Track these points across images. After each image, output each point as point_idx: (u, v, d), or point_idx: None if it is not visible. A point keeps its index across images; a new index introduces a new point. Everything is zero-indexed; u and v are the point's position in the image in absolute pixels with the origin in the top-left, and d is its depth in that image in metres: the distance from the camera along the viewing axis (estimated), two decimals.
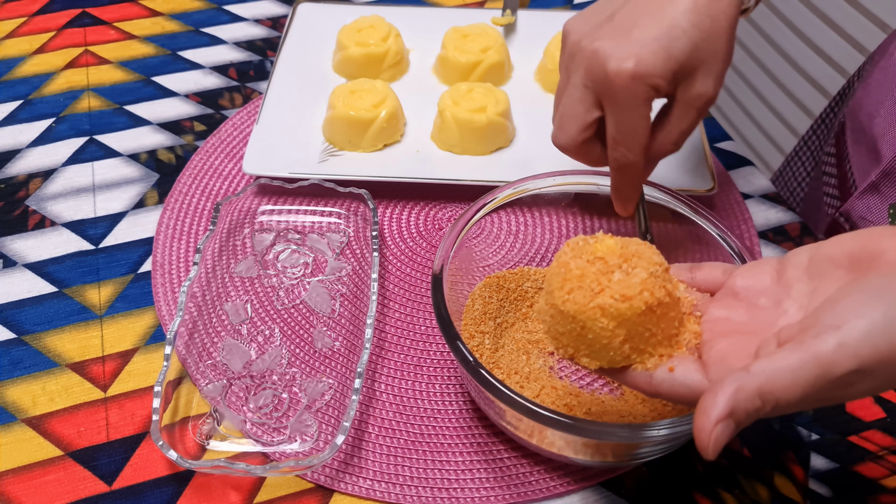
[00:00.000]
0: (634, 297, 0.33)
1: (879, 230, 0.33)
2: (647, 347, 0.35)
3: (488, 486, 0.46)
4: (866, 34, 1.07)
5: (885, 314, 0.29)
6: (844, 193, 0.65)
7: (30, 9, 0.77)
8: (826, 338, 0.29)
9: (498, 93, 0.62)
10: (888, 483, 0.47)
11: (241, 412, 0.48)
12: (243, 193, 0.59)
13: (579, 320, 0.34)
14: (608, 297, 0.33)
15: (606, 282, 0.34)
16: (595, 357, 0.35)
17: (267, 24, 0.77)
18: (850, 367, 0.29)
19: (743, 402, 0.29)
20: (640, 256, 0.35)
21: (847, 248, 0.33)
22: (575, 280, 0.34)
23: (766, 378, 0.29)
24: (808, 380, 0.29)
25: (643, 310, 0.33)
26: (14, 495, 0.45)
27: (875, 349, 0.28)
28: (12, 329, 0.52)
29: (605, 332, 0.34)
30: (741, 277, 0.37)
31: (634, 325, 0.34)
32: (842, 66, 1.12)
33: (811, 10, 1.15)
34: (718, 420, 0.29)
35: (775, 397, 0.29)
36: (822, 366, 0.29)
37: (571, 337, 0.35)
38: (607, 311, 0.33)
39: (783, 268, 0.35)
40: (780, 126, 1.29)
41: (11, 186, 0.61)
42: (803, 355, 0.29)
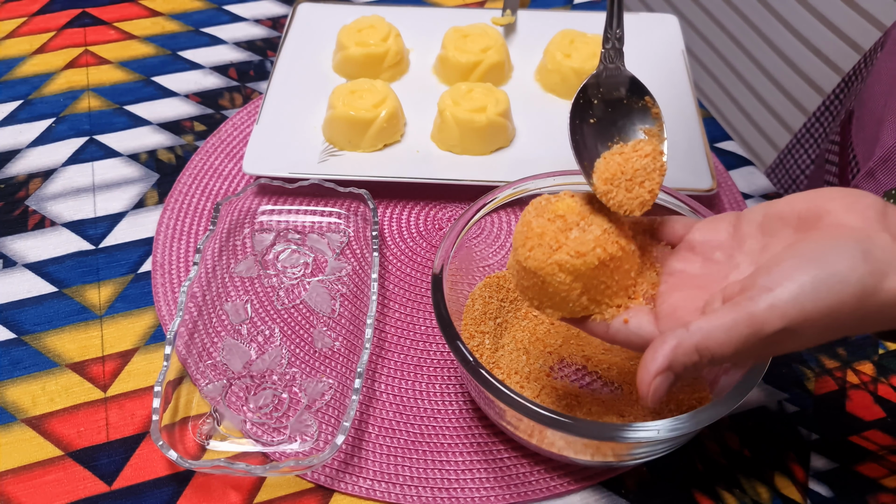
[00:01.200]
0: (588, 253, 0.36)
1: (826, 192, 0.35)
2: (604, 299, 0.38)
3: (488, 486, 0.46)
4: (862, 33, 1.07)
5: (814, 277, 0.31)
6: (844, 182, 0.65)
7: (30, 9, 0.77)
8: (759, 299, 0.31)
9: (498, 93, 0.62)
10: (888, 483, 0.47)
11: (241, 412, 0.48)
12: (243, 193, 0.59)
13: (539, 276, 0.37)
14: (564, 253, 0.36)
15: (564, 239, 0.37)
16: (557, 308, 0.38)
17: (267, 24, 0.77)
18: (778, 327, 0.31)
19: (681, 356, 0.32)
20: (598, 213, 0.38)
21: (797, 207, 0.35)
22: (535, 238, 0.37)
23: (702, 335, 0.32)
24: (740, 337, 0.31)
25: (596, 264, 0.36)
26: (14, 495, 0.45)
27: (801, 310, 0.31)
28: (12, 329, 0.52)
29: (563, 286, 0.37)
30: (699, 232, 0.39)
31: (590, 278, 0.37)
32: (837, 65, 1.12)
33: (807, 10, 1.16)
34: (658, 372, 0.32)
35: (710, 352, 0.32)
36: (754, 325, 0.31)
37: (535, 290, 0.38)
38: (564, 266, 0.36)
39: (739, 223, 0.37)
40: (780, 127, 1.29)
41: (11, 186, 0.61)
42: (737, 315, 0.32)
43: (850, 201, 0.34)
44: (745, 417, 0.49)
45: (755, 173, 0.65)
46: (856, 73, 0.70)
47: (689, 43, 1.44)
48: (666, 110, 0.65)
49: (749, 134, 1.38)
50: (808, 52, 1.18)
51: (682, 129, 0.63)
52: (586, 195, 0.40)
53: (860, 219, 0.33)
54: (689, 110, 0.64)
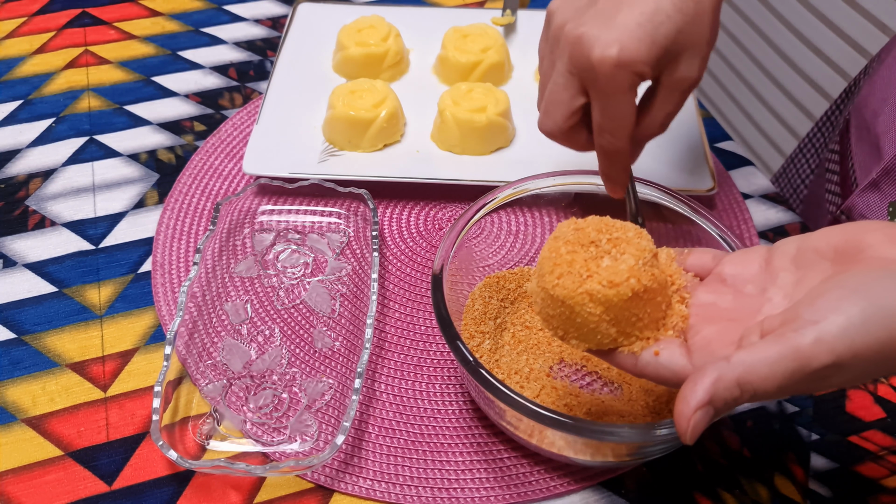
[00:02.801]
0: (622, 284, 0.34)
1: (864, 224, 0.34)
2: (634, 331, 0.36)
3: (488, 486, 0.46)
4: (867, 36, 1.07)
5: (863, 311, 0.30)
6: (846, 191, 0.65)
7: (30, 9, 0.77)
8: (805, 332, 0.30)
9: (498, 93, 0.62)
10: (888, 483, 0.47)
11: (241, 412, 0.48)
12: (243, 193, 0.59)
13: (568, 305, 0.35)
14: (596, 283, 0.34)
15: (595, 267, 0.35)
16: (583, 339, 0.36)
17: (267, 24, 0.77)
18: (826, 362, 0.29)
19: (722, 391, 0.31)
20: (630, 242, 0.36)
21: (833, 240, 0.34)
22: (565, 265, 0.35)
23: (745, 369, 0.30)
24: (784, 372, 0.30)
25: (629, 296, 0.34)
26: (14, 495, 0.45)
27: (851, 345, 0.29)
28: (12, 329, 0.52)
29: (593, 318, 0.35)
30: (730, 264, 0.38)
31: (621, 310, 0.35)
32: (842, 68, 1.12)
33: (811, 12, 1.15)
34: (698, 407, 0.31)
35: (753, 387, 0.30)
36: (800, 359, 0.30)
37: (561, 320, 0.36)
38: (595, 296, 0.34)
39: (771, 256, 0.36)
40: (780, 128, 1.29)
41: (11, 186, 0.61)
42: (782, 348, 0.30)
43: (891, 234, 0.33)
44: (745, 417, 0.49)
45: (755, 173, 0.65)
46: (857, 82, 0.70)
47: None
48: None
49: (749, 134, 1.38)
50: (808, 52, 1.18)
51: (682, 129, 0.63)
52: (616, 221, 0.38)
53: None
54: (689, 110, 0.64)
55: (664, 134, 0.63)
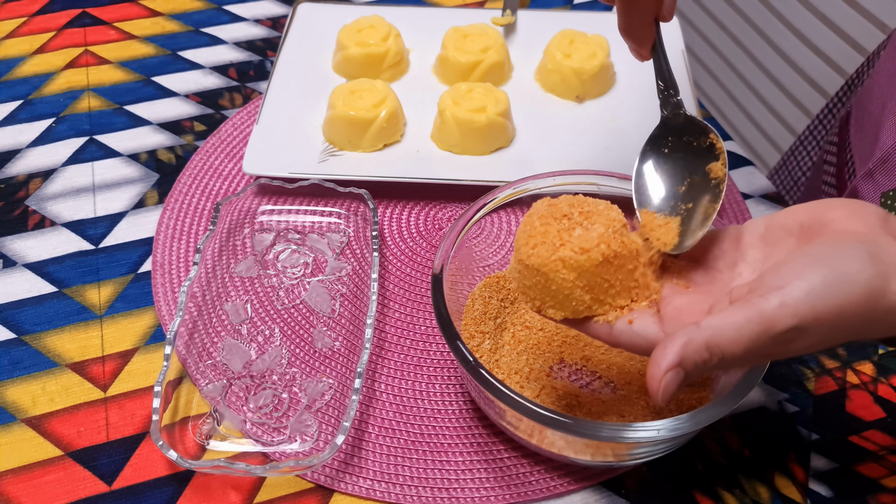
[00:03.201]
0: (592, 249, 0.36)
1: (829, 202, 0.36)
2: (607, 298, 0.38)
3: (488, 486, 0.46)
4: (865, 34, 1.07)
5: (824, 277, 0.31)
6: (841, 182, 0.65)
7: (30, 9, 0.77)
8: (769, 297, 0.31)
9: (498, 93, 0.62)
10: (888, 483, 0.47)
11: (241, 412, 0.48)
12: (243, 193, 0.59)
13: (543, 272, 0.37)
14: (568, 250, 0.36)
15: (567, 237, 0.37)
16: (559, 308, 0.38)
17: (267, 24, 0.77)
18: (789, 325, 0.31)
19: (691, 353, 0.32)
20: (600, 214, 0.38)
21: (799, 217, 0.36)
22: (539, 236, 0.37)
23: (713, 332, 0.32)
24: (751, 335, 0.31)
25: (600, 261, 0.36)
26: (14, 495, 0.45)
27: (812, 308, 0.31)
28: (12, 329, 0.52)
29: (567, 283, 0.37)
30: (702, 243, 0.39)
31: (593, 275, 0.37)
32: (840, 66, 1.12)
33: (809, 10, 1.15)
34: (668, 369, 0.32)
35: (721, 350, 0.32)
36: (765, 322, 0.31)
37: (537, 290, 0.38)
38: (567, 262, 0.36)
39: (740, 235, 0.38)
40: (779, 126, 1.29)
41: (11, 186, 0.61)
42: (748, 313, 0.32)
43: (853, 209, 0.34)
44: (745, 417, 0.49)
45: (755, 173, 0.65)
46: (858, 76, 0.70)
47: (689, 43, 1.44)
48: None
49: (749, 134, 1.38)
50: (808, 52, 1.18)
51: None
52: (588, 197, 0.40)
53: (863, 225, 0.33)
54: (689, 110, 0.64)
55: None
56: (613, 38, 0.69)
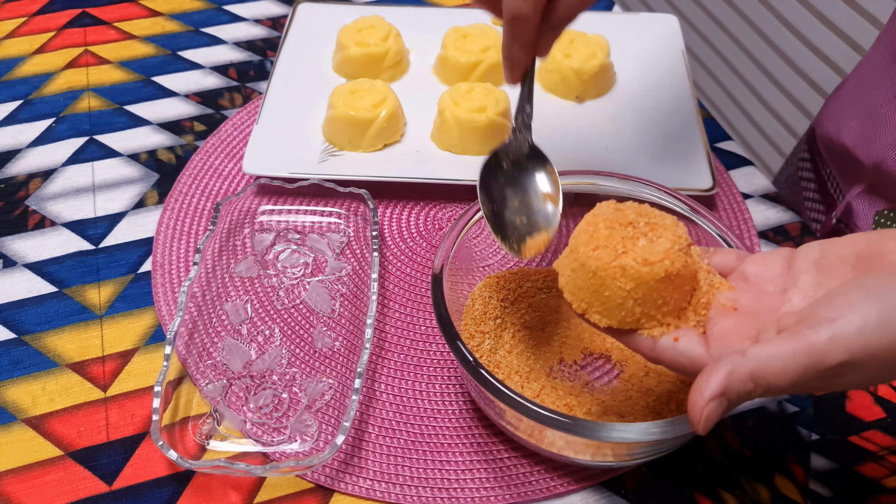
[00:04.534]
0: (656, 264, 0.35)
1: (886, 232, 0.34)
2: (657, 314, 0.37)
3: (488, 486, 0.46)
4: (864, 34, 1.07)
5: (880, 312, 0.30)
6: (827, 197, 0.65)
7: (30, 9, 0.77)
8: (820, 330, 0.30)
9: (498, 93, 0.62)
10: (888, 483, 0.47)
11: (241, 412, 0.48)
12: (243, 193, 0.59)
13: (599, 276, 0.36)
14: (631, 258, 0.35)
15: (631, 245, 0.36)
16: (606, 315, 0.37)
17: (267, 24, 0.77)
18: (840, 360, 0.30)
19: (735, 383, 0.31)
20: (667, 228, 0.37)
21: (856, 246, 0.34)
22: (602, 239, 0.37)
23: (758, 363, 0.31)
24: (798, 368, 0.30)
25: (661, 276, 0.35)
26: (14, 495, 0.45)
27: (866, 344, 0.30)
28: (12, 329, 0.52)
29: (622, 292, 0.36)
30: (752, 264, 0.38)
31: (650, 289, 0.36)
32: (838, 65, 1.12)
33: (807, 9, 1.16)
34: (711, 398, 0.31)
35: (767, 381, 0.31)
36: (814, 356, 0.30)
37: (588, 292, 0.37)
38: (628, 271, 0.35)
39: (794, 259, 0.37)
40: (780, 127, 1.29)
41: (11, 186, 0.61)
42: (797, 345, 0.31)
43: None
44: (745, 417, 0.49)
45: (755, 173, 0.65)
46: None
47: (689, 43, 1.44)
48: (666, 110, 0.65)
49: (749, 134, 1.38)
50: (808, 52, 1.18)
51: (682, 129, 0.63)
52: (655, 209, 0.39)
53: None
54: (689, 110, 0.64)
55: (664, 134, 0.63)
56: (613, 39, 0.69)
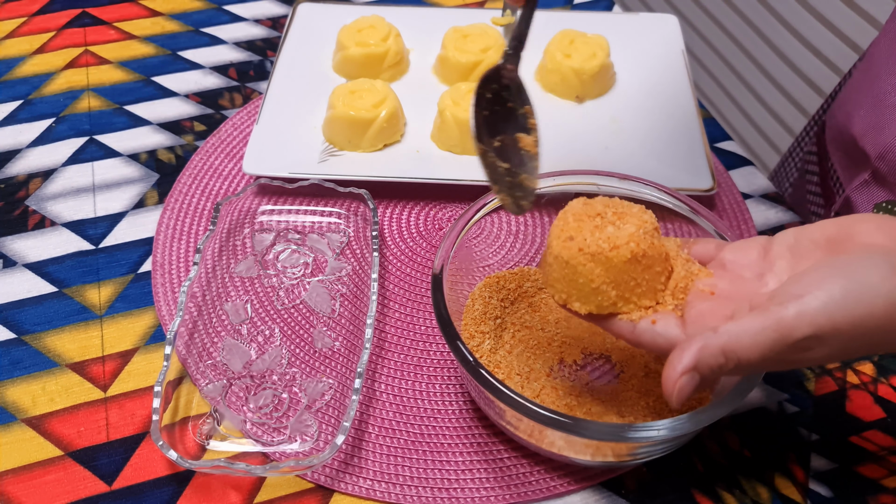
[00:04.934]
0: (621, 247, 0.37)
1: (857, 216, 0.36)
2: (633, 297, 0.39)
3: (488, 486, 0.46)
4: (861, 33, 1.07)
5: (843, 287, 0.31)
6: (827, 191, 0.65)
7: (30, 9, 0.77)
8: (788, 305, 0.32)
9: None
10: (888, 483, 0.47)
11: (241, 412, 0.48)
12: (243, 193, 0.59)
13: (571, 265, 0.38)
14: (598, 245, 0.38)
15: (599, 233, 0.38)
16: (584, 301, 0.39)
17: (267, 24, 0.77)
18: (806, 333, 0.31)
19: (707, 357, 0.32)
20: (633, 216, 0.39)
21: (827, 231, 0.36)
22: (572, 230, 0.39)
23: (729, 338, 0.32)
24: (767, 342, 0.32)
25: (628, 258, 0.37)
26: (14, 495, 0.45)
27: (830, 319, 0.31)
28: (12, 329, 0.52)
29: (593, 277, 0.38)
30: (730, 252, 0.40)
31: (620, 272, 0.38)
32: (837, 66, 1.12)
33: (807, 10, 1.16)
34: (684, 371, 0.33)
35: (737, 356, 0.32)
36: (781, 330, 0.32)
37: (565, 282, 0.39)
38: (596, 257, 0.38)
39: (770, 245, 0.38)
40: (778, 126, 1.29)
41: (11, 186, 0.61)
42: (765, 320, 0.32)
43: (879, 223, 0.35)
44: (745, 417, 0.49)
45: (755, 173, 0.65)
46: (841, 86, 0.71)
47: (689, 43, 1.44)
48: (666, 110, 0.65)
49: (749, 134, 1.38)
50: (807, 53, 1.18)
51: (682, 129, 0.63)
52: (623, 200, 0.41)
53: (888, 238, 0.34)
54: (689, 110, 0.64)
55: (664, 134, 0.63)
56: (613, 39, 0.69)
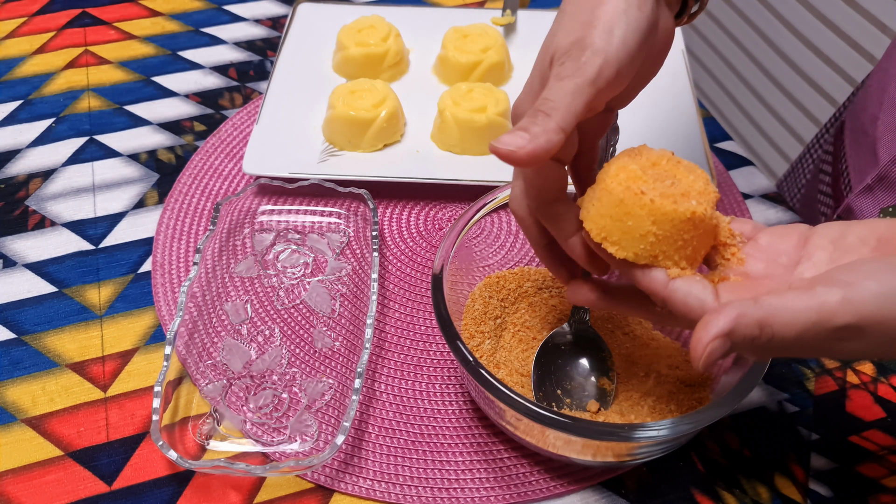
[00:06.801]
0: (684, 204, 0.35)
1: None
2: (675, 255, 0.36)
3: (488, 486, 0.46)
4: (872, 40, 1.06)
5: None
6: (837, 192, 0.65)
7: (30, 9, 0.77)
8: (834, 290, 0.31)
9: (498, 93, 0.62)
10: (888, 483, 0.47)
11: (241, 412, 0.48)
12: (243, 193, 0.59)
13: (626, 204, 0.35)
14: (660, 193, 0.35)
15: (660, 183, 0.36)
16: (624, 246, 0.36)
17: (267, 24, 0.77)
18: (848, 321, 0.30)
19: (742, 326, 0.31)
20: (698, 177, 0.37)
21: (878, 229, 0.35)
22: (631, 173, 0.36)
23: (768, 311, 0.31)
24: (806, 323, 0.30)
25: (687, 217, 0.35)
26: (14, 495, 0.45)
27: (877, 311, 0.30)
28: (12, 329, 0.52)
29: (646, 223, 0.35)
30: (768, 235, 0.38)
31: (674, 228, 0.35)
32: (847, 73, 1.12)
33: (815, 16, 1.15)
34: (716, 336, 0.31)
35: (773, 331, 0.31)
36: (823, 313, 0.30)
37: (611, 219, 0.36)
38: (656, 203, 0.35)
39: (811, 235, 0.37)
40: (781, 129, 1.29)
41: (11, 186, 0.61)
42: (809, 300, 0.31)
43: None
44: (745, 417, 0.49)
45: (755, 173, 0.65)
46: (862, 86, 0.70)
47: (689, 43, 1.44)
48: (666, 110, 0.65)
49: (749, 134, 1.38)
50: (807, 52, 1.18)
51: (682, 129, 0.63)
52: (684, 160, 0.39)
53: None
54: (689, 110, 0.64)
55: (664, 134, 0.63)
56: None
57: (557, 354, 0.47)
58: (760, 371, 0.40)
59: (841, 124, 0.67)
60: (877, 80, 0.63)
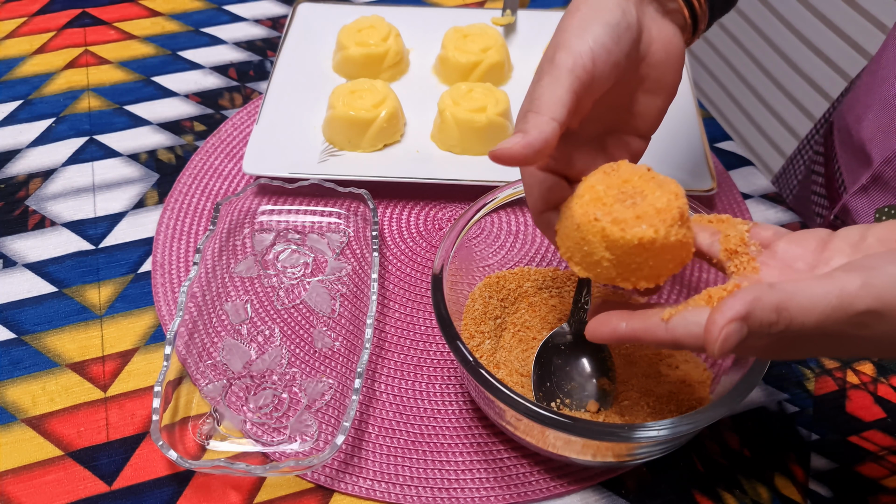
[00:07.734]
0: (631, 231, 0.35)
1: None
2: (631, 276, 0.37)
3: (488, 486, 0.46)
4: (866, 36, 1.07)
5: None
6: (832, 192, 0.65)
7: (30, 9, 0.77)
8: (854, 275, 0.30)
9: (498, 93, 0.62)
10: (888, 483, 0.47)
11: (241, 412, 0.48)
12: (243, 193, 0.59)
13: (581, 230, 0.37)
14: (611, 220, 0.36)
15: (618, 207, 0.36)
16: (584, 267, 0.38)
17: (267, 24, 0.77)
18: (869, 306, 0.29)
19: (759, 310, 0.30)
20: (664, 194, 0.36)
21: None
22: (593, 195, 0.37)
23: (785, 295, 0.30)
24: (826, 308, 0.30)
25: (635, 244, 0.35)
26: (14, 495, 0.45)
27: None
28: (12, 329, 0.52)
29: (598, 250, 0.36)
30: (785, 241, 0.37)
31: (624, 253, 0.36)
32: (841, 68, 1.12)
33: (810, 12, 1.15)
34: (733, 319, 0.30)
35: (790, 316, 0.30)
36: (844, 298, 0.29)
37: (572, 241, 0.38)
38: (606, 232, 0.36)
39: (831, 239, 0.36)
40: (780, 128, 1.29)
41: (11, 186, 0.61)
42: (828, 285, 0.30)
43: None
44: (745, 417, 0.49)
45: (755, 173, 0.65)
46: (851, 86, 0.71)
47: None
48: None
49: (749, 134, 1.38)
50: (808, 52, 1.18)
51: (682, 129, 0.63)
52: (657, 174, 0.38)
53: None
54: (689, 110, 0.64)
55: (664, 134, 0.63)
56: None
57: (557, 354, 0.47)
58: (760, 371, 0.40)
59: (830, 126, 0.68)
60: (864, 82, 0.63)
